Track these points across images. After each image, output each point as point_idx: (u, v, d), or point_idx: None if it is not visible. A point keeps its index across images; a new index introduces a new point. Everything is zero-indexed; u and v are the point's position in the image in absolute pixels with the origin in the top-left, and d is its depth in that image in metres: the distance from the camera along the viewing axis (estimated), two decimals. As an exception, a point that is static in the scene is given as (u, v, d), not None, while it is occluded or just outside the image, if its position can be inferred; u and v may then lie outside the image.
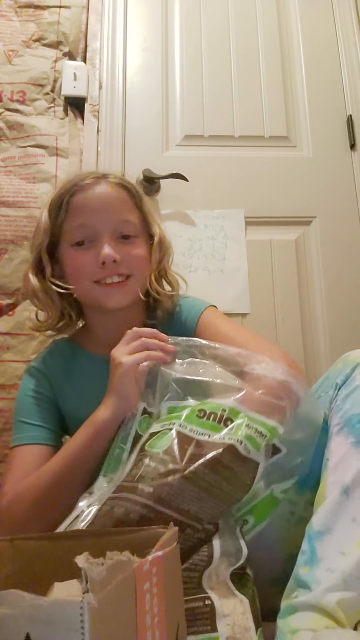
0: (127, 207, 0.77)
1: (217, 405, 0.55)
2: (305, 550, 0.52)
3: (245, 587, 0.50)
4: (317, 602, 0.47)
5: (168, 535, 0.38)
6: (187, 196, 1.37)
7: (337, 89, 1.50)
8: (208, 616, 0.44)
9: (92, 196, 0.74)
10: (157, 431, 0.55)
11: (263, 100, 1.47)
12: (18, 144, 1.34)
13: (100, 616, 0.26)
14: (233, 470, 0.51)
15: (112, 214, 0.74)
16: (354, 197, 1.42)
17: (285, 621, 0.48)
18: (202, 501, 0.49)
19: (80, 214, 0.74)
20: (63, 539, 0.42)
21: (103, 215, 0.74)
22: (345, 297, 1.34)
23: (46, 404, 0.77)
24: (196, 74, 1.48)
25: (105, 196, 0.75)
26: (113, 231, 0.74)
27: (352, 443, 0.56)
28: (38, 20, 1.44)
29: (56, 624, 0.25)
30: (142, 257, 0.77)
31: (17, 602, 0.25)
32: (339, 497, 0.53)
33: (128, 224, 0.76)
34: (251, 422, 0.54)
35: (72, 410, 0.78)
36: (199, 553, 0.48)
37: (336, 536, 0.51)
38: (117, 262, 0.72)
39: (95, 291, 0.74)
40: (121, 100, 1.43)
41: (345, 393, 0.61)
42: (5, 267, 1.25)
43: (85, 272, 0.74)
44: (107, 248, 0.72)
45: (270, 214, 1.39)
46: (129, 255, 0.74)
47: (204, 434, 0.53)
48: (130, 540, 0.40)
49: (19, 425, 0.75)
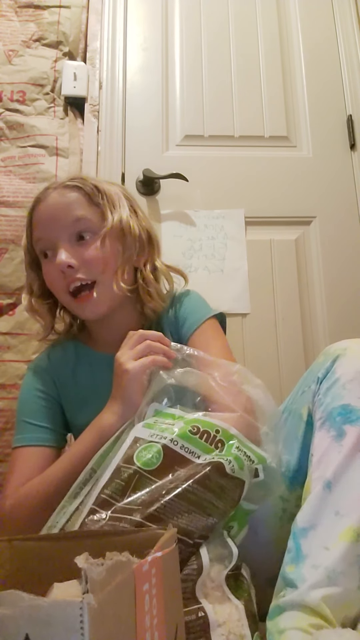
0: (78, 205, 0.74)
1: (211, 424, 0.54)
2: (291, 548, 0.52)
3: (240, 589, 0.50)
4: (302, 600, 0.47)
5: (167, 536, 0.38)
6: (187, 196, 1.37)
7: (337, 89, 1.50)
8: (201, 628, 0.44)
9: (44, 208, 0.74)
10: (146, 441, 0.54)
11: (263, 100, 1.47)
12: (18, 144, 1.35)
13: (100, 617, 0.26)
14: (222, 486, 0.51)
15: (62, 219, 0.73)
16: (354, 197, 1.42)
17: (273, 622, 0.48)
18: (192, 515, 0.49)
19: (37, 228, 0.75)
20: (62, 539, 0.42)
21: (54, 224, 0.73)
22: (346, 297, 1.34)
23: (50, 404, 0.77)
24: (196, 74, 1.48)
25: (54, 205, 0.74)
26: (69, 235, 0.73)
27: (333, 437, 0.56)
28: (38, 20, 1.44)
29: (56, 625, 0.25)
30: (100, 257, 0.72)
31: (16, 603, 0.25)
32: (321, 491, 0.53)
33: (80, 222, 0.72)
34: (241, 446, 0.54)
35: (75, 408, 0.78)
36: (188, 565, 0.48)
37: (320, 531, 0.51)
38: (74, 267, 0.71)
39: (72, 304, 0.75)
40: (121, 100, 1.43)
41: (326, 386, 0.60)
42: (6, 267, 1.25)
43: (55, 284, 0.74)
44: (60, 255, 0.71)
45: (270, 214, 1.39)
46: (85, 257, 0.72)
47: (194, 453, 0.52)
48: (129, 541, 0.40)
49: (23, 425, 0.75)
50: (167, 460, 0.52)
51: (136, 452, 0.53)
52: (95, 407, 0.65)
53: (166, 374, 0.61)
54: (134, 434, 0.55)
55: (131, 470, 0.51)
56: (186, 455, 0.52)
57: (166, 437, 0.53)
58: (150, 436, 0.54)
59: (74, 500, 0.53)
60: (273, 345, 1.29)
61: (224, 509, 0.51)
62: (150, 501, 0.49)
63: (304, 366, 1.28)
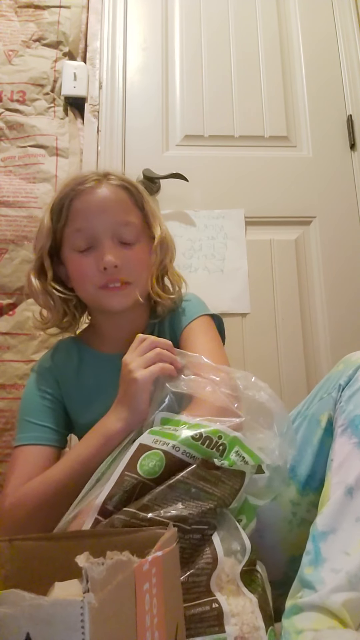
0: (127, 208, 0.76)
1: (215, 431, 0.55)
2: (310, 551, 0.52)
3: (254, 583, 0.51)
4: (322, 603, 0.47)
5: (167, 535, 0.38)
6: (187, 196, 1.37)
7: (337, 89, 1.50)
8: (216, 618, 0.44)
9: (91, 200, 0.74)
10: (150, 447, 0.54)
11: (263, 100, 1.47)
12: (18, 144, 1.35)
13: (100, 616, 0.26)
14: (217, 476, 0.52)
15: (111, 217, 0.74)
16: (354, 197, 1.42)
17: (290, 621, 0.48)
18: (185, 502, 0.50)
19: (80, 218, 0.74)
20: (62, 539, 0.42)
21: (102, 219, 0.73)
22: (346, 297, 1.34)
23: (53, 404, 0.77)
24: (196, 74, 1.48)
25: (104, 199, 0.74)
26: (113, 235, 0.74)
27: (355, 443, 0.56)
28: (38, 20, 1.44)
29: (56, 624, 0.25)
30: (142, 263, 0.77)
31: (17, 602, 0.25)
32: (342, 497, 0.53)
33: (128, 227, 0.75)
34: (241, 450, 0.54)
35: (79, 408, 0.78)
36: (202, 557, 0.48)
37: (340, 536, 0.51)
38: (118, 267, 0.72)
39: (98, 295, 0.74)
40: (121, 100, 1.43)
41: (348, 394, 0.61)
42: (6, 267, 1.25)
43: (88, 277, 0.74)
44: (108, 254, 0.71)
45: (270, 214, 1.39)
46: (129, 261, 0.74)
47: (195, 458, 0.53)
48: (129, 540, 0.40)
49: (24, 424, 0.75)
50: (169, 467, 0.52)
51: (140, 460, 0.53)
52: (99, 406, 0.64)
53: (172, 381, 0.61)
54: (139, 441, 0.56)
55: (134, 480, 0.52)
56: (187, 460, 0.53)
57: (169, 444, 0.53)
58: (153, 442, 0.54)
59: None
60: (273, 345, 1.29)
61: (221, 495, 0.52)
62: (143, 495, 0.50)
63: (304, 366, 1.28)
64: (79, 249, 0.74)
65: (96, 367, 0.80)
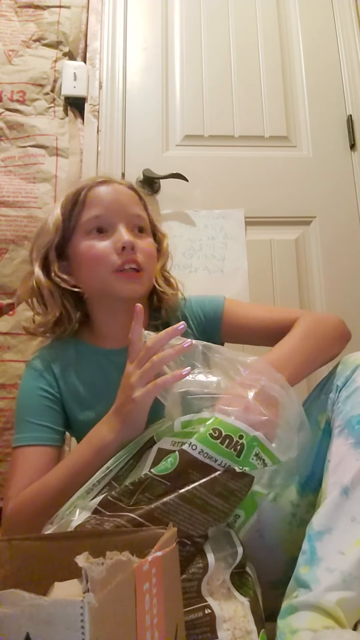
0: (138, 204, 0.80)
1: (235, 429, 0.52)
2: (306, 550, 0.52)
3: (245, 586, 0.50)
4: (316, 602, 0.48)
5: (167, 536, 0.38)
6: (187, 196, 1.37)
7: (337, 89, 1.50)
8: (208, 624, 0.44)
9: (107, 190, 0.78)
10: (169, 450, 0.53)
11: (263, 100, 1.47)
12: (18, 144, 1.34)
13: (100, 616, 0.26)
14: (229, 488, 0.50)
15: (127, 207, 0.77)
16: (354, 197, 1.42)
17: (285, 621, 0.48)
18: (194, 518, 0.49)
19: (97, 205, 0.76)
20: (61, 539, 0.42)
21: (119, 207, 0.76)
22: (346, 297, 1.34)
23: (51, 402, 0.76)
24: (196, 74, 1.48)
25: (120, 191, 0.79)
26: (128, 222, 0.76)
27: (351, 444, 0.56)
28: (38, 20, 1.44)
29: (56, 624, 0.25)
30: (152, 255, 0.79)
31: (17, 602, 0.25)
32: (338, 497, 0.54)
33: (141, 219, 0.79)
34: (261, 452, 0.52)
35: (77, 405, 0.77)
36: (194, 564, 0.48)
37: (336, 536, 0.52)
38: (135, 249, 0.74)
39: (111, 279, 0.73)
40: (121, 100, 1.43)
41: (345, 395, 0.61)
42: (6, 267, 1.25)
43: (103, 259, 0.73)
44: (126, 234, 0.74)
45: (270, 214, 1.39)
46: (143, 249, 0.76)
47: (212, 458, 0.51)
48: (129, 540, 0.40)
49: (23, 423, 0.74)
50: (183, 464, 0.51)
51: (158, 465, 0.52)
52: (99, 403, 0.64)
53: (181, 386, 0.58)
54: (158, 446, 0.55)
55: (143, 476, 0.51)
56: (204, 460, 0.51)
57: (185, 443, 0.52)
58: (172, 445, 0.54)
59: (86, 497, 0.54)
60: (273, 345, 1.29)
61: (229, 511, 0.51)
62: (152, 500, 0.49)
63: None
64: (95, 235, 0.75)
65: (95, 362, 0.79)
